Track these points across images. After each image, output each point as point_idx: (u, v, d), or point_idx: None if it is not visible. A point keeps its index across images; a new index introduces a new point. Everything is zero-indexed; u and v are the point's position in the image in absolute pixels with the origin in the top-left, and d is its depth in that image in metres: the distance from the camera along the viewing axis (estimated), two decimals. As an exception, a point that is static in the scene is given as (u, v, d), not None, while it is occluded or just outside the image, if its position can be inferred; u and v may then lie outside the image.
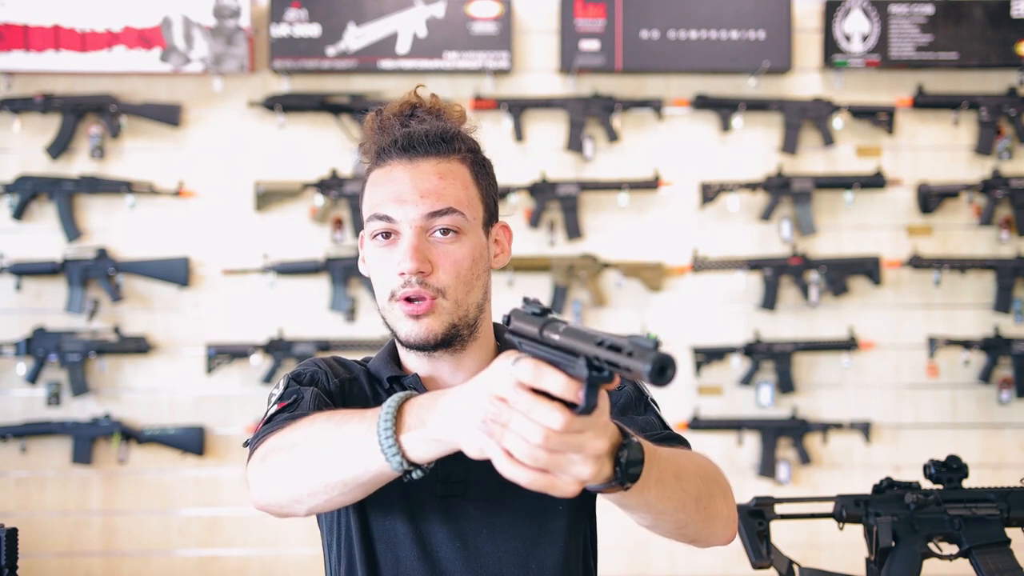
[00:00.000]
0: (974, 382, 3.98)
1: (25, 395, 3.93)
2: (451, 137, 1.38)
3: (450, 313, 1.34)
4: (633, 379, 0.91)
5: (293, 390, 1.35)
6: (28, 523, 3.88)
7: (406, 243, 1.33)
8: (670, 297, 3.98)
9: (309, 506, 1.19)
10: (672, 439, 1.35)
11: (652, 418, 1.39)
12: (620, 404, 1.40)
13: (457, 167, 1.38)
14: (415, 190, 1.34)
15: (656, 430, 1.36)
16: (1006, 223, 3.98)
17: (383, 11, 3.91)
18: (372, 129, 1.41)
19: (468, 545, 1.34)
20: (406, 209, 1.34)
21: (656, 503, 1.14)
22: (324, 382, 1.39)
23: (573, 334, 0.95)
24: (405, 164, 1.36)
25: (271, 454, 1.21)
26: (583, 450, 0.94)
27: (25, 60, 3.87)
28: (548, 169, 3.95)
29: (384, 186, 1.37)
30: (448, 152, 1.38)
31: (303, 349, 3.85)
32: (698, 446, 4.40)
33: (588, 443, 0.94)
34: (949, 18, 3.95)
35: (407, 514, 1.34)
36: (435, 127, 1.38)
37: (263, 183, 3.91)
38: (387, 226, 1.35)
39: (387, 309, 1.37)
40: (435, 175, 1.36)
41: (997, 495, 1.81)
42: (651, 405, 1.42)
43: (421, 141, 1.36)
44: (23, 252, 3.92)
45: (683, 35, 3.93)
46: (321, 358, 1.46)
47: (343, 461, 1.12)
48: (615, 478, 1.04)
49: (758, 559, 1.79)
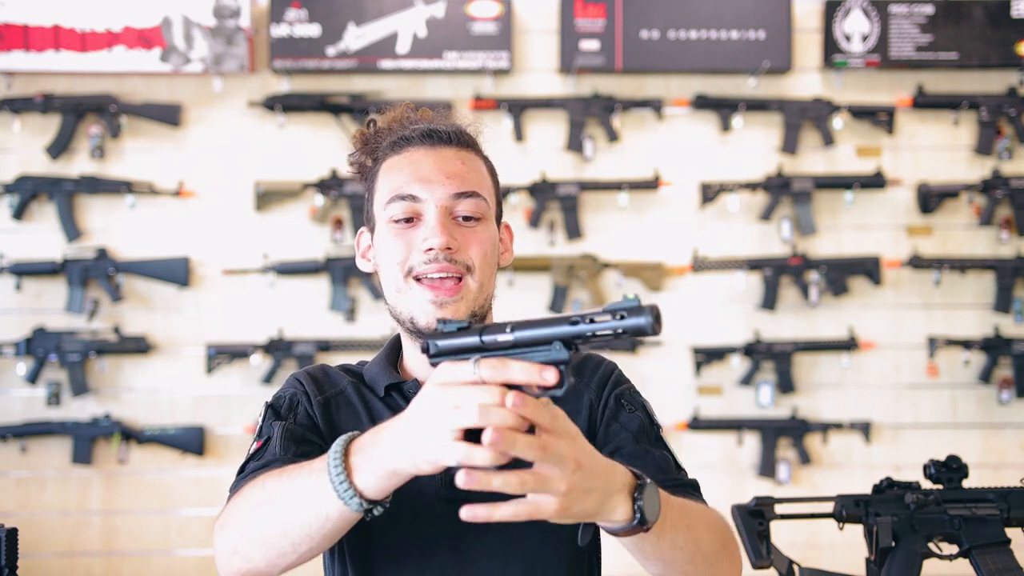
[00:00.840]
0: (974, 382, 3.98)
1: (25, 395, 3.93)
2: (468, 133, 1.41)
3: (474, 298, 1.32)
4: (635, 336, 0.95)
5: (267, 427, 1.32)
6: (28, 523, 3.88)
7: (433, 220, 1.32)
8: (670, 297, 3.98)
9: (283, 567, 1.17)
10: (685, 486, 1.34)
11: (667, 455, 1.37)
12: (634, 429, 1.37)
13: (476, 159, 1.40)
14: (440, 171, 1.34)
15: (671, 472, 1.34)
16: (1006, 223, 3.98)
17: (383, 11, 3.91)
18: (370, 135, 1.43)
19: (472, 549, 1.31)
20: (432, 188, 1.33)
21: (669, 551, 1.15)
22: (305, 405, 1.36)
23: (529, 326, 0.98)
24: (427, 150, 1.37)
25: (229, 526, 1.18)
26: (559, 457, 0.97)
27: (25, 60, 3.87)
28: (548, 169, 3.95)
29: (404, 169, 1.36)
30: (467, 145, 1.40)
31: (303, 349, 3.85)
32: (698, 446, 4.36)
33: (563, 449, 0.97)
34: (949, 18, 3.95)
35: (410, 519, 1.32)
36: (451, 123, 1.40)
37: (263, 183, 3.91)
38: (411, 207, 1.33)
39: (403, 290, 1.32)
40: (458, 160, 1.37)
41: (997, 495, 1.81)
42: (663, 439, 1.40)
43: (442, 131, 1.38)
44: (23, 252, 3.92)
45: (683, 35, 3.93)
46: (306, 372, 1.41)
47: (302, 515, 1.11)
48: (634, 519, 1.06)
49: (758, 559, 1.79)
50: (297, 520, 1.11)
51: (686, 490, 1.34)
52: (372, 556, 1.33)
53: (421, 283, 1.31)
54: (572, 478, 0.99)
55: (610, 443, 1.37)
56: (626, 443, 1.35)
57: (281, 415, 1.35)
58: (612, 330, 0.94)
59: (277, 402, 1.37)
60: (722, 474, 3.97)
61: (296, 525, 1.11)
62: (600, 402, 1.40)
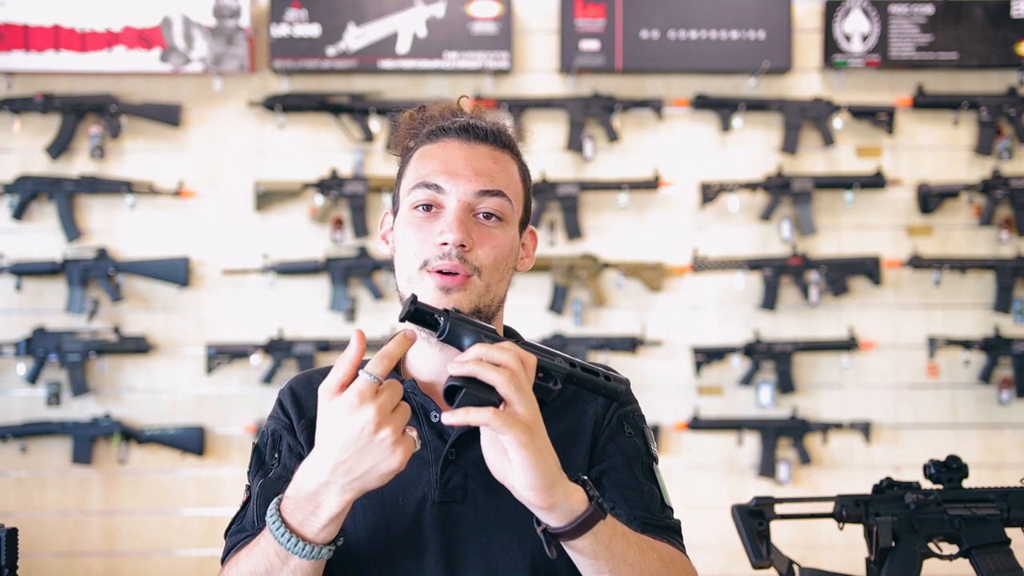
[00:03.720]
0: (974, 382, 3.98)
1: (25, 395, 3.93)
2: (507, 134, 1.42)
3: (480, 295, 1.32)
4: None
5: (252, 478, 1.38)
6: (28, 523, 3.88)
7: (451, 215, 1.32)
8: (670, 297, 3.98)
9: None
10: (667, 529, 1.36)
11: (656, 490, 1.39)
12: (629, 454, 1.39)
13: (509, 160, 1.40)
14: (469, 167, 1.35)
15: (656, 510, 1.36)
16: (1006, 223, 3.98)
17: (383, 11, 3.91)
18: (418, 120, 1.43)
19: (467, 552, 1.31)
20: (457, 182, 1.33)
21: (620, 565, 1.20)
22: (287, 440, 1.38)
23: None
24: (461, 143, 1.37)
25: None
26: (522, 388, 1.15)
27: (25, 60, 3.87)
28: (548, 169, 3.95)
29: (436, 159, 1.36)
30: (503, 145, 1.40)
31: (303, 349, 3.85)
32: (698, 446, 4.36)
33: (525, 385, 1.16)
34: (949, 18, 3.95)
35: (402, 522, 1.32)
36: (493, 122, 1.42)
37: (263, 183, 3.91)
38: (433, 196, 1.34)
39: (413, 280, 1.33)
40: (490, 159, 1.37)
41: (997, 495, 1.81)
42: (656, 472, 1.41)
43: (480, 127, 1.38)
44: (23, 252, 3.92)
45: (683, 35, 3.93)
46: (290, 390, 1.43)
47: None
48: (592, 502, 1.17)
49: (758, 559, 1.79)
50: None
51: (666, 533, 1.35)
52: (365, 561, 1.33)
53: (431, 274, 1.32)
54: (533, 425, 1.14)
55: (603, 461, 1.37)
56: (618, 467, 1.37)
57: (264, 461, 1.38)
58: None
59: (261, 441, 1.40)
60: (722, 474, 3.97)
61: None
62: (604, 419, 1.40)
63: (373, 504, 1.32)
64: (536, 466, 1.13)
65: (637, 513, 1.33)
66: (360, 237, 3.92)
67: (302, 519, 1.16)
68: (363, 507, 1.32)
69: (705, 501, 3.91)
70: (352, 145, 3.95)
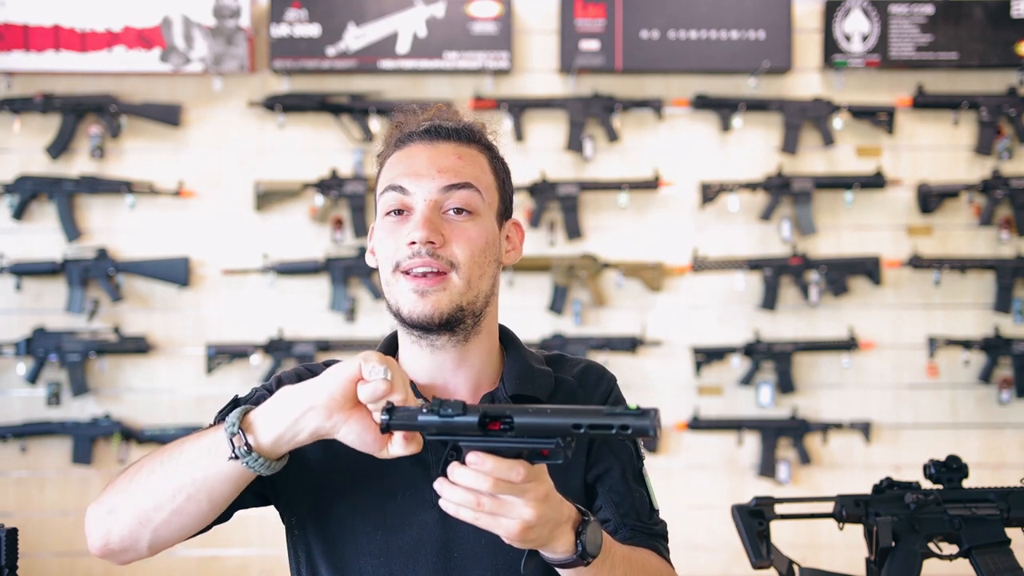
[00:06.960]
0: (974, 382, 3.98)
1: (25, 395, 3.93)
2: (472, 130, 1.41)
3: (460, 293, 1.32)
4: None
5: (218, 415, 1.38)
6: (28, 523, 3.88)
7: (418, 214, 1.32)
8: (670, 297, 3.98)
9: (153, 527, 1.21)
10: (655, 536, 1.38)
11: (645, 494, 1.41)
12: (624, 460, 1.40)
13: (476, 153, 1.40)
14: (432, 165, 1.35)
15: (645, 516, 1.39)
16: (1006, 223, 3.98)
17: (383, 11, 3.91)
18: (392, 127, 1.44)
19: (467, 552, 1.31)
20: (421, 182, 1.34)
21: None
22: None
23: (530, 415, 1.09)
24: (425, 144, 1.38)
25: (110, 488, 1.25)
26: (526, 493, 1.08)
27: (25, 60, 3.87)
28: (548, 169, 3.95)
29: (401, 163, 1.37)
30: (468, 140, 1.40)
31: (303, 349, 3.85)
32: (698, 446, 4.36)
33: (532, 487, 1.08)
34: (949, 18, 3.95)
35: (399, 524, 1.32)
36: (458, 120, 1.41)
37: (263, 183, 3.91)
38: (400, 199, 1.34)
39: (390, 284, 1.34)
40: (454, 155, 1.37)
41: (997, 495, 1.81)
42: (644, 474, 1.43)
43: (443, 127, 1.39)
44: (23, 252, 3.92)
45: (683, 35, 3.93)
46: (295, 372, 1.44)
47: (188, 462, 1.20)
48: (576, 551, 1.14)
49: (758, 559, 1.79)
50: (181, 466, 1.20)
51: (655, 540, 1.38)
52: (364, 561, 1.33)
53: (407, 276, 1.32)
54: (540, 507, 1.09)
55: (599, 464, 1.39)
56: (613, 472, 1.39)
57: (238, 399, 1.39)
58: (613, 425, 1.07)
59: (247, 396, 1.41)
60: (722, 474, 3.97)
61: (179, 471, 1.20)
62: None
63: (372, 504, 1.32)
64: (542, 541, 1.14)
65: (628, 521, 1.36)
66: (360, 237, 3.92)
67: (264, 424, 1.19)
68: (362, 507, 1.32)
69: (705, 501, 3.91)
70: (352, 145, 3.95)
